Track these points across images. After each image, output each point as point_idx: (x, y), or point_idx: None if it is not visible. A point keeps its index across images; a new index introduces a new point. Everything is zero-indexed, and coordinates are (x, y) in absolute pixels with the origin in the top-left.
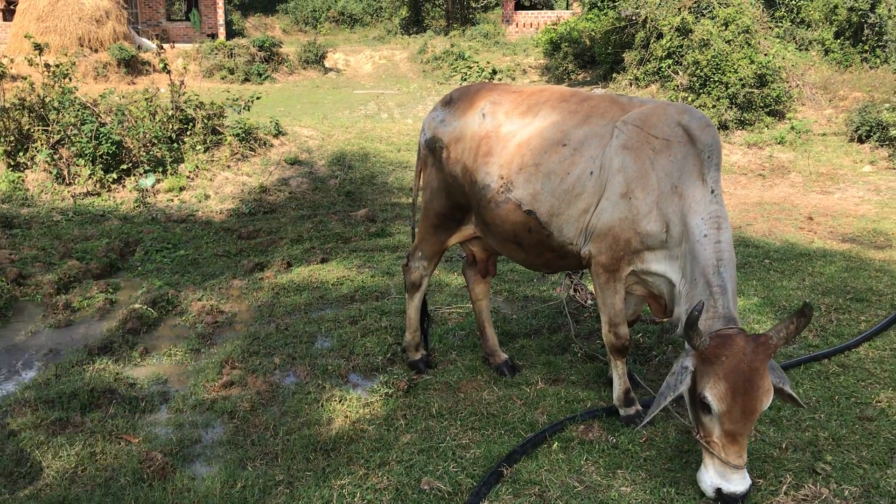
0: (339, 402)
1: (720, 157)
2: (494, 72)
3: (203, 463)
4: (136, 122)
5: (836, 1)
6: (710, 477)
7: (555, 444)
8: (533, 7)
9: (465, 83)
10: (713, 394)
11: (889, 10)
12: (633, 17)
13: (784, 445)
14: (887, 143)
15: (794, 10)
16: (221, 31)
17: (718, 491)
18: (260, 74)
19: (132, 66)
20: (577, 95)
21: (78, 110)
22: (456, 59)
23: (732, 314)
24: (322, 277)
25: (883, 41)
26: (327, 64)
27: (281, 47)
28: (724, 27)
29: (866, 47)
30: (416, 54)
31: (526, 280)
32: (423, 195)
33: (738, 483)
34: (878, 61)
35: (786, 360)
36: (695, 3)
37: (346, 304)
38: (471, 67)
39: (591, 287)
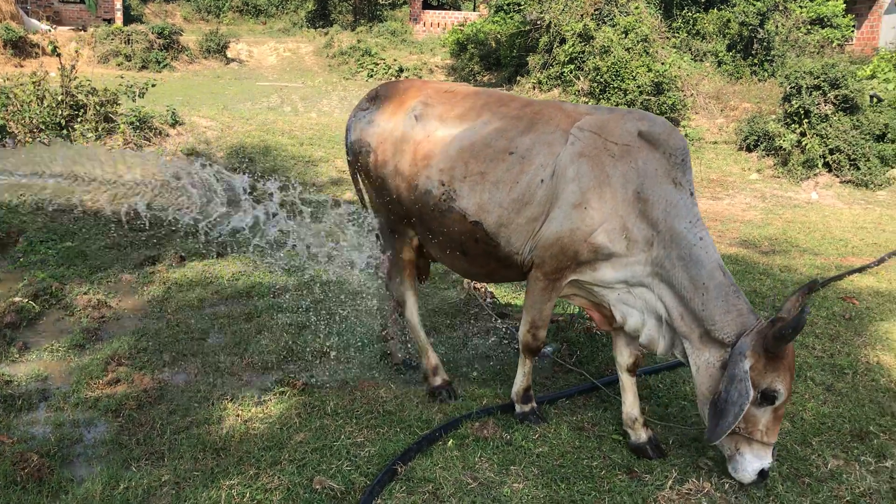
0: (231, 400)
1: (690, 160)
2: (401, 70)
3: (83, 463)
4: (21, 106)
5: (728, 15)
6: (751, 462)
7: (450, 442)
8: (440, 7)
9: (371, 80)
10: (785, 385)
11: (776, 27)
12: (538, 22)
13: (671, 441)
14: (773, 152)
15: (691, 22)
16: (118, 15)
17: (761, 471)
18: (158, 62)
19: (20, 47)
20: (516, 100)
21: None
22: (363, 56)
23: (751, 308)
24: (217, 272)
25: (770, 55)
26: (230, 54)
27: (181, 35)
28: (623, 35)
29: (756, 61)
30: (322, 48)
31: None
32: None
33: (770, 456)
34: (766, 74)
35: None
36: (596, 10)
37: (241, 301)
38: (377, 64)
39: (490, 286)
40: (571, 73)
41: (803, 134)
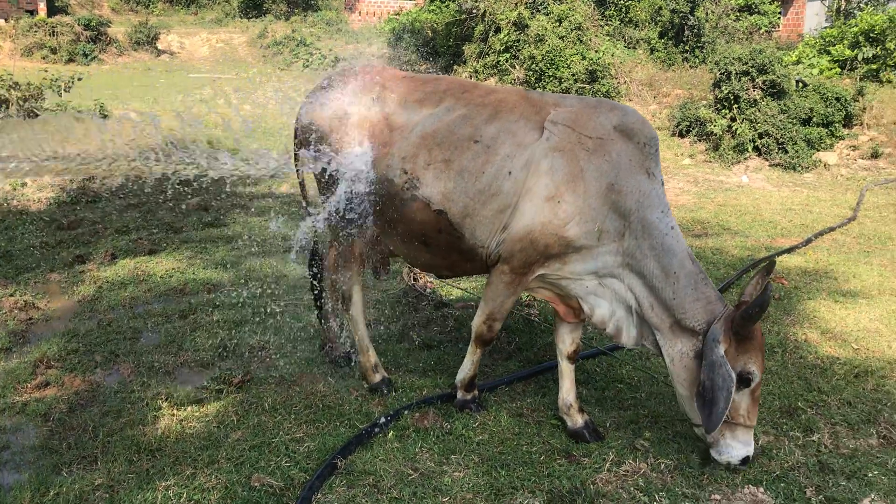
0: (166, 400)
1: (659, 150)
2: (337, 59)
3: (11, 471)
4: None
5: (660, 3)
6: (739, 448)
7: (390, 433)
8: None
9: (306, 70)
10: (758, 366)
11: (706, 14)
12: (473, 11)
13: (608, 424)
14: (705, 137)
15: (623, 10)
16: (42, 6)
17: (745, 458)
18: (86, 55)
19: None
20: (479, 87)
21: None
22: (297, 46)
23: (719, 295)
24: (149, 270)
25: (701, 42)
26: (160, 46)
27: (109, 27)
28: (557, 23)
29: (687, 48)
30: (256, 38)
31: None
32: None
33: (753, 440)
34: (697, 61)
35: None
36: None
37: (175, 298)
38: (312, 54)
39: (430, 277)
40: (507, 61)
41: (733, 119)
